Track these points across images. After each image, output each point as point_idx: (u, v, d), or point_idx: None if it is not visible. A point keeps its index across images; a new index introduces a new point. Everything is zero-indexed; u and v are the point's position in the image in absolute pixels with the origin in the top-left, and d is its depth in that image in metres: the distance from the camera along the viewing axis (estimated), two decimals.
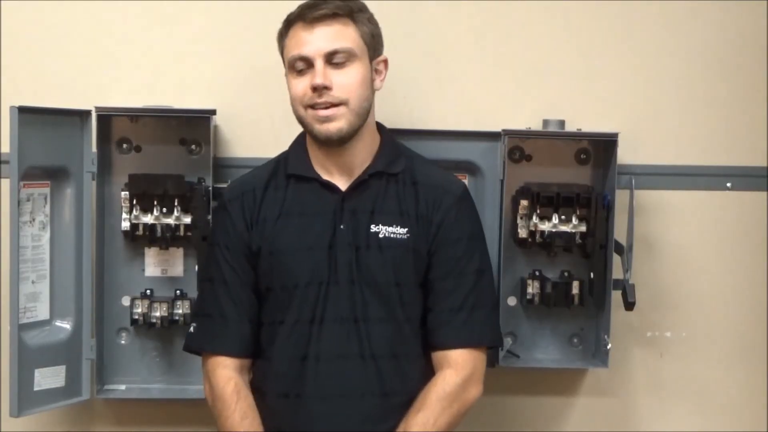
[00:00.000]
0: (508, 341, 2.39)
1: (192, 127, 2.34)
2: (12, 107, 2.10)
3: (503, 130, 2.31)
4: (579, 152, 2.40)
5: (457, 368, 1.94)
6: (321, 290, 1.93)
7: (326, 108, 1.90)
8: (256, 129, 2.39)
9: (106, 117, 2.29)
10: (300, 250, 1.95)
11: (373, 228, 1.94)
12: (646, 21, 2.43)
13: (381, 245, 1.94)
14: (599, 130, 2.38)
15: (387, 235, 1.94)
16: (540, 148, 2.39)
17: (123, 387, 2.36)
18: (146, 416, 2.44)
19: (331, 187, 1.96)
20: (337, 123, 1.91)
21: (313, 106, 1.91)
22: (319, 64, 1.90)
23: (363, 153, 1.97)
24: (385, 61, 2.01)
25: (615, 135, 2.30)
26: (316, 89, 1.89)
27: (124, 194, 2.26)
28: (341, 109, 1.90)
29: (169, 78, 2.38)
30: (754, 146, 2.46)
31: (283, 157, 2.05)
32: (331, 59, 1.90)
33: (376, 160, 1.98)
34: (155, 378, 2.38)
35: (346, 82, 1.90)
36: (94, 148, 2.28)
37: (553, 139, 2.38)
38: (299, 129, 2.01)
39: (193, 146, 2.35)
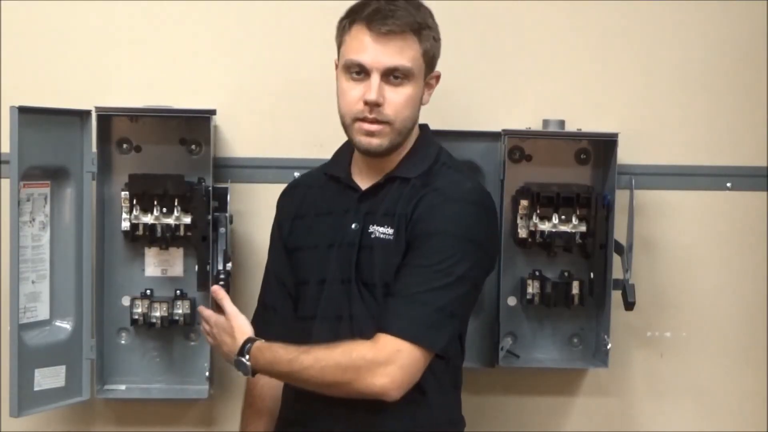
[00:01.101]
0: (508, 341, 2.39)
1: (192, 127, 2.34)
2: (12, 107, 2.10)
3: (503, 130, 2.31)
4: (579, 152, 2.40)
5: (375, 346, 1.81)
6: (320, 289, 1.94)
7: (372, 123, 1.88)
8: (256, 129, 2.39)
9: (106, 117, 2.29)
10: (310, 249, 1.98)
11: (371, 228, 1.94)
12: (647, 21, 2.43)
13: (373, 245, 1.93)
14: (599, 130, 2.38)
15: (377, 235, 1.93)
16: (540, 148, 2.39)
17: (123, 387, 2.36)
18: (146, 416, 2.44)
19: (353, 188, 1.97)
20: (380, 139, 1.89)
21: (361, 118, 1.89)
22: (376, 78, 1.86)
23: (397, 159, 1.96)
24: (438, 77, 1.98)
25: (615, 135, 2.30)
26: (367, 104, 1.87)
27: (124, 194, 2.26)
28: (386, 128, 1.89)
29: (169, 78, 2.38)
30: (754, 146, 2.46)
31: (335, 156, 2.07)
32: (389, 75, 1.88)
33: (398, 165, 1.96)
34: (155, 378, 2.38)
35: (397, 101, 1.88)
36: (94, 148, 2.28)
37: (553, 139, 2.38)
38: (300, 129, 2.01)
39: (193, 146, 2.35)
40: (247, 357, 1.87)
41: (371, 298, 1.91)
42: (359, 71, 1.87)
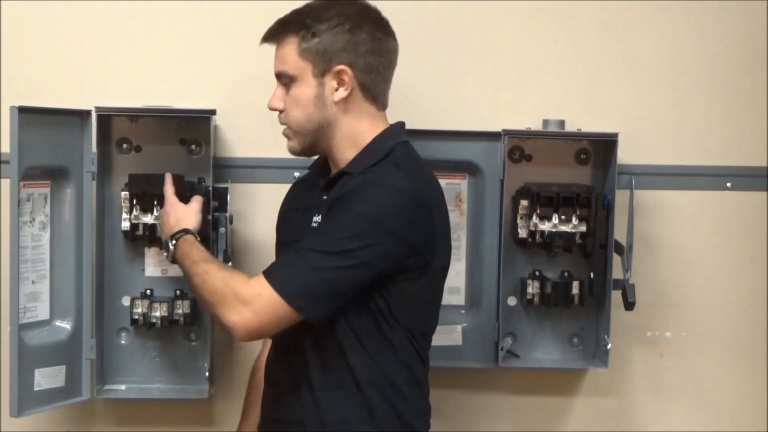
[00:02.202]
0: (508, 341, 2.39)
1: (192, 127, 2.34)
2: (12, 107, 2.10)
3: (503, 130, 2.31)
4: (579, 152, 2.40)
5: (246, 283, 1.82)
6: None
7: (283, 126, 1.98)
8: (256, 129, 2.39)
9: (106, 117, 2.29)
10: (282, 243, 2.04)
11: (314, 219, 1.94)
12: (646, 21, 2.43)
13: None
14: (599, 130, 2.38)
15: (313, 225, 1.93)
16: (540, 148, 2.39)
17: (123, 387, 2.36)
18: (146, 416, 2.44)
19: (318, 184, 2.00)
20: (290, 142, 1.97)
21: None
22: (277, 86, 1.96)
23: (347, 158, 1.95)
24: (340, 71, 1.90)
25: (615, 135, 2.30)
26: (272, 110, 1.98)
27: (124, 194, 2.26)
28: (289, 131, 1.97)
29: (169, 78, 2.38)
30: (754, 146, 2.46)
31: None
32: (281, 81, 1.96)
33: (350, 162, 1.95)
34: (155, 378, 2.38)
35: (288, 104, 1.95)
36: (94, 148, 2.28)
37: (553, 139, 2.38)
38: None
39: (193, 146, 2.35)
40: (173, 242, 2.02)
41: None
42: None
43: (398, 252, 1.84)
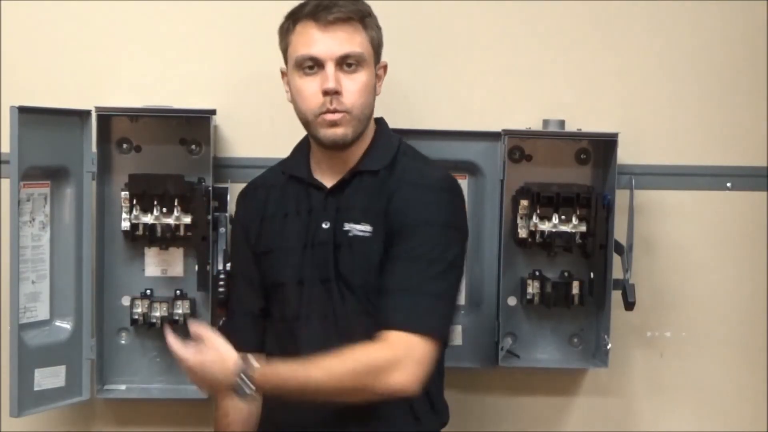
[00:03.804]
0: (508, 341, 2.39)
1: (192, 127, 2.34)
2: (12, 107, 2.10)
3: (503, 130, 2.31)
4: (579, 152, 2.40)
5: (386, 345, 1.80)
6: (300, 290, 1.94)
7: (334, 113, 1.89)
8: (256, 129, 2.39)
9: (106, 117, 2.29)
10: (283, 250, 1.97)
11: (346, 226, 1.93)
12: (646, 21, 2.43)
13: (351, 243, 1.92)
14: (599, 130, 2.38)
15: (356, 233, 1.92)
16: (540, 148, 2.39)
17: (123, 387, 2.36)
18: (146, 416, 2.44)
19: (318, 186, 1.97)
20: (343, 129, 1.90)
21: (323, 111, 1.89)
22: (331, 67, 1.88)
23: (358, 153, 1.97)
24: (385, 67, 2.01)
25: (615, 135, 2.30)
26: (327, 93, 1.88)
27: (124, 194, 2.26)
28: (347, 116, 1.90)
29: (169, 78, 2.38)
30: (754, 146, 2.46)
31: (288, 157, 2.08)
32: (342, 63, 1.89)
33: (361, 159, 1.96)
34: (155, 378, 2.38)
35: (354, 88, 1.89)
36: (94, 148, 2.28)
37: (553, 139, 2.38)
38: (299, 129, 2.01)
39: (193, 146, 2.35)
40: (250, 385, 1.79)
41: (352, 297, 1.91)
42: (312, 65, 1.89)
43: (465, 248, 1.98)
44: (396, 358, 1.79)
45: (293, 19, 1.94)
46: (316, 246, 1.93)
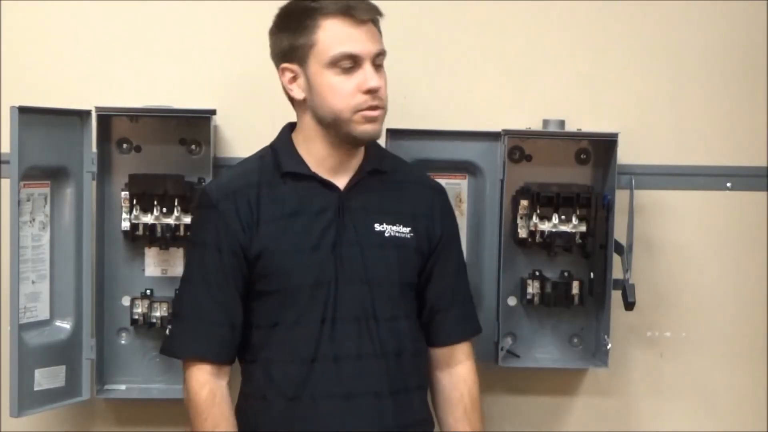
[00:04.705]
0: (508, 341, 2.39)
1: (192, 127, 2.34)
2: (12, 107, 2.10)
3: (503, 130, 2.31)
4: (579, 152, 2.40)
5: (470, 360, 2.04)
6: (330, 290, 1.90)
7: (375, 109, 1.89)
8: (256, 129, 2.38)
9: (106, 117, 2.29)
10: (304, 251, 1.90)
11: (378, 227, 1.93)
12: (646, 21, 2.43)
13: (386, 244, 1.93)
14: (599, 130, 2.38)
15: (393, 234, 1.94)
16: (540, 148, 2.39)
17: (123, 387, 2.36)
18: (146, 416, 2.44)
19: (330, 186, 1.93)
20: (379, 125, 1.91)
21: (364, 108, 1.88)
22: (369, 65, 1.87)
23: (362, 152, 1.97)
24: None
25: (615, 135, 2.30)
26: (371, 91, 1.87)
27: (124, 194, 2.26)
28: (382, 112, 1.91)
29: (169, 78, 2.38)
30: (754, 146, 2.46)
31: (268, 155, 1.97)
32: (374, 61, 1.89)
33: (368, 158, 1.97)
34: (155, 378, 2.38)
35: (384, 85, 1.90)
36: (94, 148, 2.28)
37: (553, 139, 2.38)
38: None
39: (193, 146, 2.35)
40: None
41: (389, 297, 1.93)
42: (350, 64, 1.87)
43: None
44: (474, 366, 2.05)
45: (317, 15, 1.87)
46: (344, 246, 1.90)
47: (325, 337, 1.89)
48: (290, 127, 2.00)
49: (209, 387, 1.90)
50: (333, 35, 1.86)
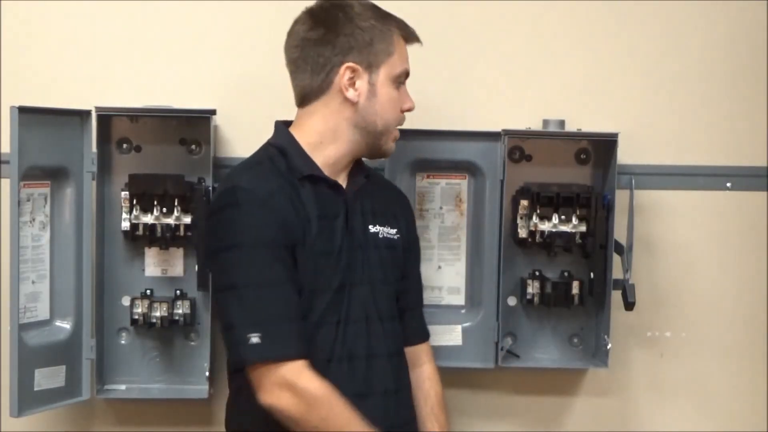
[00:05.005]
0: (508, 341, 2.39)
1: (192, 127, 2.34)
2: (12, 107, 2.10)
3: (503, 130, 2.31)
4: (579, 152, 2.40)
5: (433, 362, 2.11)
6: (346, 292, 1.90)
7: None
8: (256, 129, 2.37)
9: (106, 117, 2.29)
10: (333, 254, 1.89)
11: (372, 228, 1.95)
12: (646, 21, 2.43)
13: (380, 245, 1.96)
14: (599, 130, 2.38)
15: (384, 235, 1.97)
16: (540, 148, 2.39)
17: (123, 387, 2.36)
18: (146, 416, 2.44)
19: (339, 190, 1.93)
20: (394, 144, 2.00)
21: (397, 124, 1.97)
22: (405, 86, 1.97)
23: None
24: None
25: (615, 135, 2.30)
26: (409, 110, 1.96)
27: (124, 194, 2.26)
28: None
29: (169, 78, 2.38)
30: (754, 146, 2.46)
31: (276, 155, 1.91)
32: None
33: (362, 163, 2.00)
34: (155, 378, 2.38)
35: None
36: (94, 148, 2.28)
37: (553, 139, 2.38)
38: None
39: (193, 146, 2.35)
40: None
41: (387, 297, 1.97)
42: (403, 81, 1.95)
43: None
44: (437, 368, 2.12)
45: (398, 29, 1.94)
46: (353, 248, 1.92)
47: (339, 337, 1.89)
48: (285, 125, 1.97)
49: (321, 380, 1.81)
50: (403, 52, 1.95)
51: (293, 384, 1.78)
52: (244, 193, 1.83)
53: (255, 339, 1.78)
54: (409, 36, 1.96)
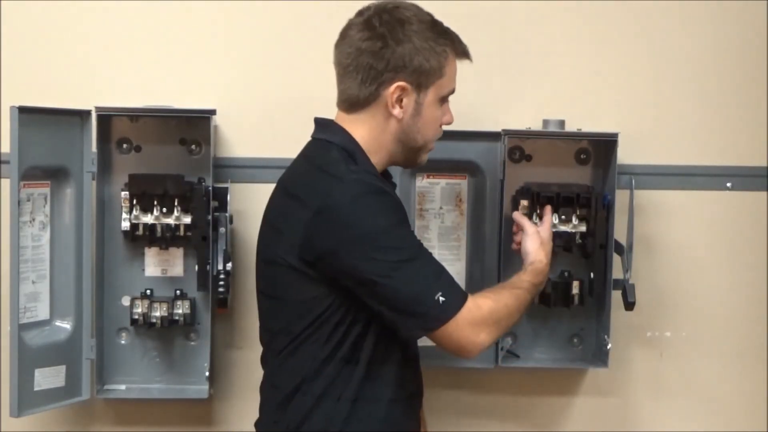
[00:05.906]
0: (508, 341, 2.39)
1: (192, 127, 2.34)
2: (12, 107, 2.10)
3: (503, 130, 2.31)
4: (579, 152, 2.40)
5: None
6: None
7: None
8: (256, 129, 2.39)
9: (106, 117, 2.29)
10: None
11: None
12: (647, 21, 2.43)
13: None
14: (599, 130, 2.38)
15: None
16: (540, 148, 2.39)
17: (123, 387, 2.36)
18: (146, 416, 2.44)
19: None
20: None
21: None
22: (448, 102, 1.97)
23: None
24: None
25: (615, 135, 2.30)
26: (444, 124, 1.97)
27: (124, 194, 2.26)
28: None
29: (169, 78, 2.38)
30: (754, 146, 2.46)
31: (347, 158, 1.88)
32: None
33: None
34: (155, 378, 2.38)
35: None
36: (94, 148, 2.28)
37: (553, 139, 2.38)
38: (299, 129, 2.00)
39: (193, 146, 2.35)
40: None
41: None
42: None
43: None
44: None
45: (452, 48, 1.92)
46: None
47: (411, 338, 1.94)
48: (332, 124, 1.93)
49: (483, 295, 1.89)
50: (453, 71, 1.94)
51: (482, 318, 1.83)
52: (371, 185, 1.84)
53: (441, 298, 1.81)
54: (462, 54, 1.94)
